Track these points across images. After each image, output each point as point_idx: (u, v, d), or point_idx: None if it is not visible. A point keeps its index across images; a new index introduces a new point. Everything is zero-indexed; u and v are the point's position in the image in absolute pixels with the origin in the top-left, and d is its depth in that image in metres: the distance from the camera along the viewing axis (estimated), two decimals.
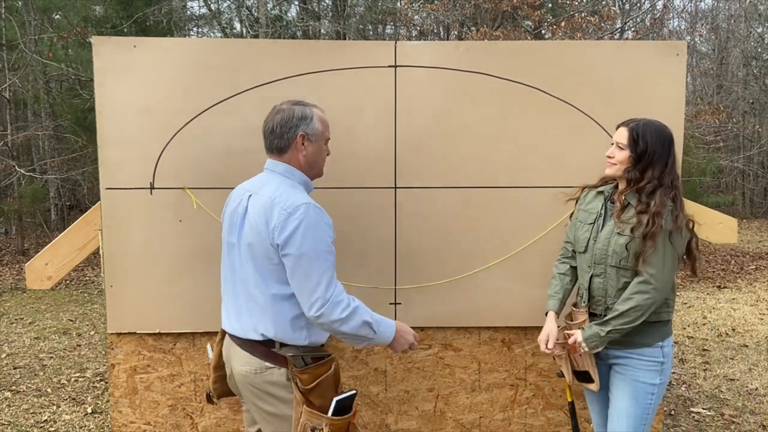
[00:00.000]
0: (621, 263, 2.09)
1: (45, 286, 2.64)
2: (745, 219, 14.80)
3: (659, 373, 2.11)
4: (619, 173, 2.15)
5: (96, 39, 2.54)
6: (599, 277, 2.15)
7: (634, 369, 2.12)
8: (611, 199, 2.21)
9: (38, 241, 10.12)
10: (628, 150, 2.11)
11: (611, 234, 2.12)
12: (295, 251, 1.75)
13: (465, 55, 2.60)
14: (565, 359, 2.22)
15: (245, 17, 12.21)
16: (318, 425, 1.77)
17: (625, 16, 12.05)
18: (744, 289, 7.43)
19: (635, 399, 2.12)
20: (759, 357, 4.83)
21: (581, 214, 2.28)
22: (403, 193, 2.63)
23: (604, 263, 2.13)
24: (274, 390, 1.84)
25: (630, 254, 2.06)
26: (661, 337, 2.13)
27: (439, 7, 9.95)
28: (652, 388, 2.11)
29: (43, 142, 10.98)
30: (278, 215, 1.77)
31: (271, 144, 1.92)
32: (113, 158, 2.53)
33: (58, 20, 10.07)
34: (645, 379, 2.11)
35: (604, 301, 2.15)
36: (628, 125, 2.14)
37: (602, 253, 2.13)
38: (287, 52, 2.56)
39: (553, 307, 2.27)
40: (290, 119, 1.89)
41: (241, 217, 1.89)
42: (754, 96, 15.50)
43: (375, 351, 2.72)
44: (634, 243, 2.05)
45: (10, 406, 3.85)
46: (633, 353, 2.13)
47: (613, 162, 2.16)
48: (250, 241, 1.83)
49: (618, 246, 2.08)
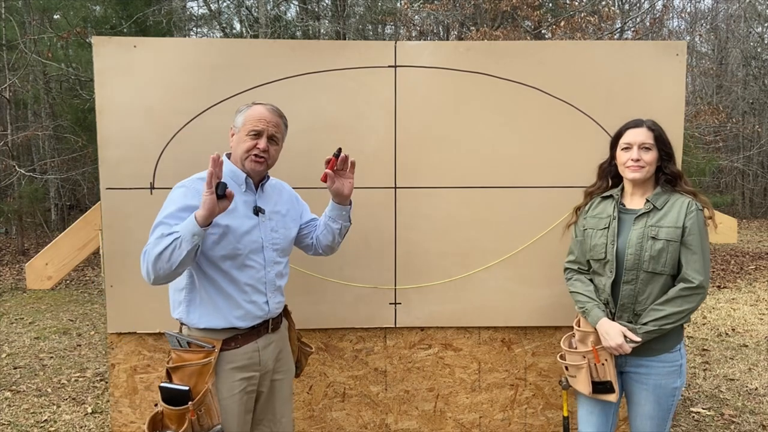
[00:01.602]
0: (658, 269, 2.03)
1: (45, 286, 2.64)
2: (744, 219, 14.81)
3: (679, 375, 2.09)
4: (649, 175, 2.10)
5: (96, 39, 2.54)
6: (629, 284, 2.07)
7: (656, 376, 2.08)
8: (620, 202, 2.17)
9: (38, 241, 10.13)
10: (655, 150, 2.09)
11: (643, 238, 2.05)
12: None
13: (465, 55, 2.60)
14: (585, 369, 2.11)
15: (245, 17, 12.21)
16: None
17: (624, 16, 12.05)
18: (744, 289, 7.43)
19: (658, 404, 2.09)
20: (759, 357, 4.83)
21: (590, 221, 2.21)
22: (403, 193, 2.63)
23: (637, 269, 2.05)
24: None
25: (668, 259, 2.02)
26: (678, 340, 2.10)
27: (439, 7, 9.94)
28: (674, 391, 2.09)
29: (43, 142, 10.99)
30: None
31: None
32: (113, 158, 2.53)
33: (57, 20, 10.06)
34: (667, 383, 2.08)
35: (632, 308, 2.08)
36: (645, 125, 2.11)
37: (635, 258, 2.05)
38: (287, 52, 2.56)
39: (604, 314, 2.12)
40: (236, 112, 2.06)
41: None
42: (754, 96, 15.52)
43: (375, 351, 2.72)
44: (672, 247, 2.02)
45: (10, 405, 3.85)
46: (652, 360, 2.08)
47: (642, 165, 2.09)
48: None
49: (654, 251, 2.03)
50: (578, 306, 2.18)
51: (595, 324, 2.10)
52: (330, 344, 2.71)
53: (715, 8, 17.59)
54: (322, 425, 2.75)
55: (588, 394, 2.13)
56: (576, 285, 2.22)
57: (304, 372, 2.70)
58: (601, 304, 2.13)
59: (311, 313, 2.64)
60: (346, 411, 2.75)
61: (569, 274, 2.28)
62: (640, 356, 2.08)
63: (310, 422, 2.74)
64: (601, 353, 2.08)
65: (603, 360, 2.07)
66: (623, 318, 2.09)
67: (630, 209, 2.14)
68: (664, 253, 2.02)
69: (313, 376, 2.72)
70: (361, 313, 2.67)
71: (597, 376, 2.10)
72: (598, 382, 2.10)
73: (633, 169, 2.09)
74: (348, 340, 2.71)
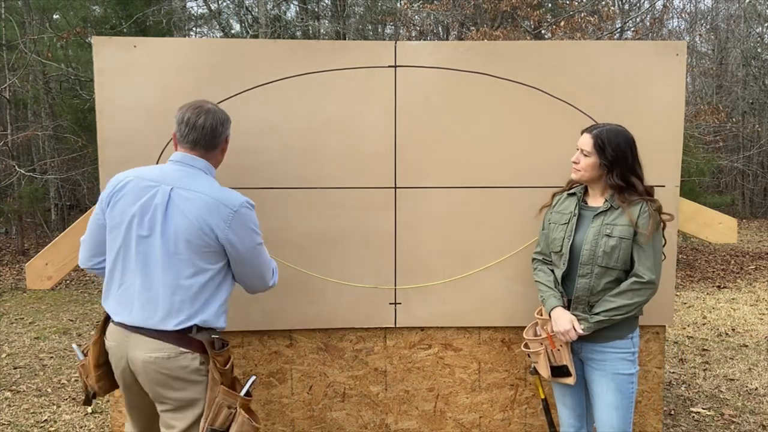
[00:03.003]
0: (611, 264, 2.17)
1: (45, 286, 2.64)
2: (744, 219, 14.81)
3: (633, 362, 2.24)
4: (584, 178, 2.25)
5: (96, 39, 2.54)
6: (585, 277, 2.21)
7: (611, 362, 2.22)
8: (584, 200, 2.32)
9: (38, 241, 10.13)
10: (594, 157, 2.20)
11: (598, 235, 2.19)
12: (241, 245, 1.96)
13: (465, 55, 2.60)
14: (543, 354, 2.27)
15: (244, 17, 12.21)
16: (232, 404, 1.93)
17: (624, 16, 12.05)
18: (744, 289, 7.43)
19: (619, 391, 2.21)
20: (759, 357, 4.83)
21: (554, 215, 2.37)
22: (403, 193, 2.63)
23: (591, 263, 2.19)
24: (186, 374, 1.92)
25: (620, 256, 2.16)
26: (630, 329, 2.24)
27: (439, 7, 9.94)
28: (630, 377, 2.22)
29: (43, 142, 10.98)
30: (225, 213, 1.92)
31: (203, 140, 2.01)
32: (113, 158, 2.53)
33: (57, 20, 10.06)
34: (623, 370, 2.21)
35: (587, 300, 2.22)
36: (591, 132, 2.22)
37: (590, 254, 2.19)
38: (287, 52, 2.56)
39: (559, 302, 2.27)
40: (225, 121, 2.05)
41: (162, 210, 1.90)
42: (754, 96, 15.52)
43: (375, 351, 2.72)
44: (625, 244, 2.16)
45: (10, 405, 3.85)
46: (607, 347, 2.23)
47: (578, 168, 2.25)
48: (187, 237, 1.89)
49: (608, 247, 2.17)
50: (539, 294, 2.36)
51: (549, 311, 2.27)
52: (330, 344, 2.71)
53: (715, 8, 17.59)
54: (322, 425, 2.75)
55: (548, 378, 2.30)
56: (539, 275, 2.39)
57: (305, 372, 2.70)
58: (558, 293, 2.28)
59: (311, 313, 2.65)
60: (346, 411, 2.75)
61: (535, 264, 2.45)
62: (594, 342, 2.23)
63: (310, 422, 2.74)
64: (555, 339, 2.24)
65: (558, 345, 2.24)
66: (578, 309, 2.23)
67: (591, 207, 2.29)
68: (617, 250, 2.16)
69: (313, 376, 2.72)
70: (361, 313, 2.67)
71: (554, 360, 2.26)
72: (555, 367, 2.26)
73: (572, 170, 2.28)
74: (348, 340, 2.71)
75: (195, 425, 1.95)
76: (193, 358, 1.92)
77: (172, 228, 1.89)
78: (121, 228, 1.95)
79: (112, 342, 1.99)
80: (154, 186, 1.93)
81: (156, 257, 1.91)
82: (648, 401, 2.78)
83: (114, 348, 1.98)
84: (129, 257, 1.94)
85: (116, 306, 1.97)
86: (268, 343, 2.68)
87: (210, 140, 2.02)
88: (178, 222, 1.89)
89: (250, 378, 2.04)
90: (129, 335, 1.93)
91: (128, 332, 1.93)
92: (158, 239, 1.90)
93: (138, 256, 1.92)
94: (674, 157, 2.63)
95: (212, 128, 2.01)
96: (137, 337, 1.92)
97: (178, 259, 1.90)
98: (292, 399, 2.73)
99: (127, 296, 1.95)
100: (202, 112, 2.00)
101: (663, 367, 2.76)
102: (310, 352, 2.70)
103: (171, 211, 1.90)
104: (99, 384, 2.06)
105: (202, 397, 1.94)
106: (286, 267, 2.59)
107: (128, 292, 1.95)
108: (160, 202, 1.91)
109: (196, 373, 1.93)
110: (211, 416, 1.90)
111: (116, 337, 1.97)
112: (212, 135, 2.01)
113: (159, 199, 1.91)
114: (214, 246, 1.93)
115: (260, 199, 2.57)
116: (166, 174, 1.97)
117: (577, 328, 2.19)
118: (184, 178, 1.95)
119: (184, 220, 1.89)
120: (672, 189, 2.63)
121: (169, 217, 1.90)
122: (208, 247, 1.92)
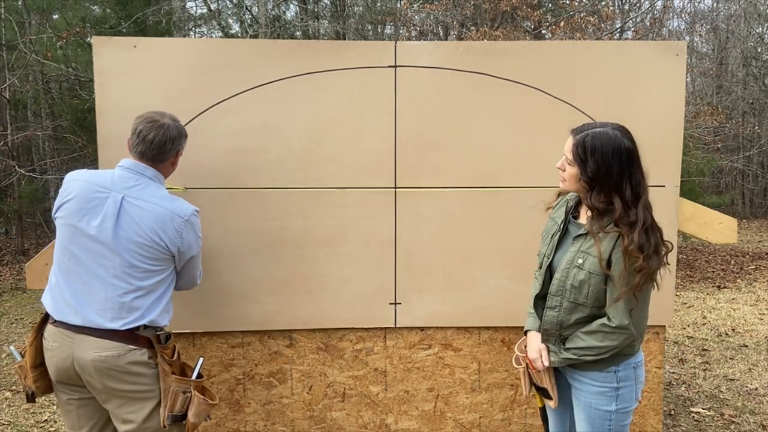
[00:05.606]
0: (580, 300, 1.88)
1: (45, 286, 2.63)
2: (744, 219, 14.82)
3: (614, 399, 1.91)
4: (570, 189, 1.92)
5: (96, 39, 2.54)
6: (554, 309, 1.93)
7: (586, 393, 1.95)
8: (574, 212, 2.01)
9: (38, 241, 10.12)
10: (575, 167, 1.85)
11: (570, 265, 1.88)
12: (188, 251, 2.11)
13: (465, 55, 2.60)
14: (524, 372, 2.10)
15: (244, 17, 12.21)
16: (186, 389, 2.06)
17: (624, 16, 12.05)
18: (744, 289, 7.43)
19: (591, 425, 1.95)
20: (759, 357, 4.83)
21: (548, 222, 2.09)
22: (403, 194, 2.63)
23: (561, 296, 1.91)
24: (137, 368, 2.00)
25: (590, 292, 1.85)
26: (614, 362, 1.91)
27: (438, 7, 9.94)
28: (607, 414, 1.92)
29: (43, 142, 10.97)
30: (178, 223, 2.04)
31: (150, 153, 2.07)
32: (113, 158, 2.52)
33: (56, 20, 10.06)
34: (598, 405, 1.93)
35: (558, 333, 1.96)
36: (577, 134, 1.86)
37: (560, 284, 1.91)
38: (287, 52, 2.56)
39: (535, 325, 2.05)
40: (176, 138, 2.11)
41: (113, 217, 1.97)
42: (754, 96, 15.52)
43: (375, 351, 2.72)
44: (595, 280, 1.84)
45: (10, 406, 3.85)
46: (583, 376, 1.96)
47: (563, 176, 1.92)
48: (139, 244, 1.98)
49: (576, 281, 1.86)
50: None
51: (525, 332, 2.11)
52: (330, 344, 2.71)
53: (715, 8, 17.59)
54: (322, 425, 2.75)
55: (529, 395, 2.12)
56: (533, 284, 2.11)
57: (305, 372, 2.70)
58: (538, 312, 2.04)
59: (311, 313, 2.65)
60: (346, 411, 2.75)
61: (535, 271, 2.13)
62: (573, 367, 1.98)
63: (310, 422, 2.74)
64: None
65: (540, 367, 2.01)
66: (550, 341, 1.98)
67: (578, 223, 1.97)
68: (586, 285, 1.85)
69: (313, 376, 2.72)
70: (361, 313, 2.67)
71: (536, 381, 2.07)
72: (538, 387, 2.09)
73: (559, 178, 1.93)
74: (348, 340, 2.71)
75: (153, 415, 2.03)
76: (141, 353, 2.01)
77: (123, 234, 1.97)
78: (67, 230, 2.00)
79: (53, 343, 2.00)
80: (105, 192, 2.00)
81: (104, 261, 1.97)
82: (648, 401, 2.78)
83: (56, 349, 2.00)
84: (75, 260, 1.99)
85: (62, 306, 2.00)
86: (268, 343, 2.68)
87: (157, 155, 2.08)
88: (130, 230, 1.98)
89: (198, 360, 2.17)
90: (74, 336, 1.97)
91: (72, 333, 1.97)
92: (109, 244, 1.96)
93: (85, 260, 1.98)
94: (674, 158, 2.63)
95: (160, 145, 2.07)
96: (83, 338, 1.96)
97: (128, 263, 1.98)
98: (292, 399, 2.73)
99: (73, 297, 1.98)
100: (154, 128, 2.07)
101: (663, 367, 2.76)
102: (310, 352, 2.70)
103: (123, 219, 1.98)
104: (36, 384, 2.10)
105: (154, 387, 2.03)
106: (286, 267, 2.59)
107: (74, 294, 1.98)
108: (111, 209, 1.97)
109: (145, 366, 2.02)
110: (169, 404, 2.02)
111: (58, 338, 2.00)
112: (160, 151, 2.08)
113: (110, 206, 1.98)
114: (165, 253, 2.04)
115: (260, 199, 2.57)
116: (115, 181, 2.03)
117: (545, 360, 1.96)
118: (135, 187, 2.04)
119: (136, 229, 1.98)
120: (672, 189, 2.63)
121: (120, 224, 1.97)
122: (159, 253, 2.02)
